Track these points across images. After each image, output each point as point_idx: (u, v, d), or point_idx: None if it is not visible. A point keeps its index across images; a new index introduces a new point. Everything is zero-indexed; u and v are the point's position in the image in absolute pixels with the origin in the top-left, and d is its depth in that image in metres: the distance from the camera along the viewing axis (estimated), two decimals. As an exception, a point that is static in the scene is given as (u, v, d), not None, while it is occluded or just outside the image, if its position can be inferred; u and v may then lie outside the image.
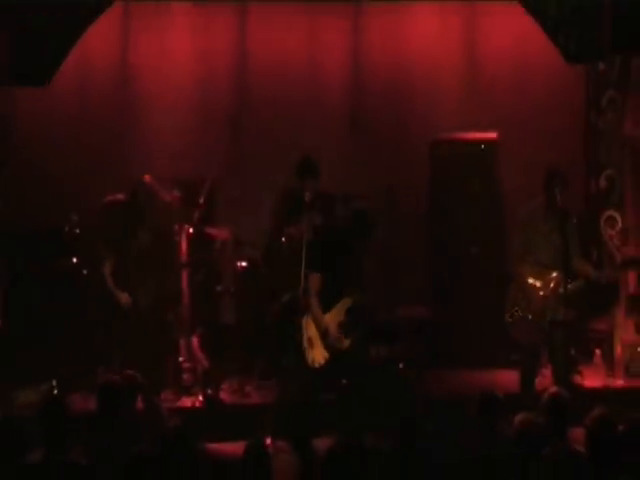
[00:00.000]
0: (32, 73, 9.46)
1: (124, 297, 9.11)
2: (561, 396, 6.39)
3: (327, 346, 8.47)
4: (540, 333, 8.61)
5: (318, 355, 8.68)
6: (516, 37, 10.11)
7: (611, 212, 9.49)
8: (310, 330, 8.64)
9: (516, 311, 8.68)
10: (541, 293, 8.59)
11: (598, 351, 9.51)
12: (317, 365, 8.53)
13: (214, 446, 7.23)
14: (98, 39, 10.02)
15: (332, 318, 8.59)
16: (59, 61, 9.49)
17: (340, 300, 8.63)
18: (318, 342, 8.51)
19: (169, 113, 10.63)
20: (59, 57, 9.50)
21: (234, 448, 6.12)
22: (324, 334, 8.59)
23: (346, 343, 8.57)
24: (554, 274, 8.54)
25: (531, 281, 8.61)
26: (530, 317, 8.60)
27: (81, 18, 9.42)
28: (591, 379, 9.15)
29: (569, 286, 8.46)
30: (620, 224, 9.44)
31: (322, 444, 5.93)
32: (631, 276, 9.48)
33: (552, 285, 8.57)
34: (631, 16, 8.90)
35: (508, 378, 8.91)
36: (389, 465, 5.94)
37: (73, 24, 9.42)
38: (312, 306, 8.56)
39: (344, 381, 8.73)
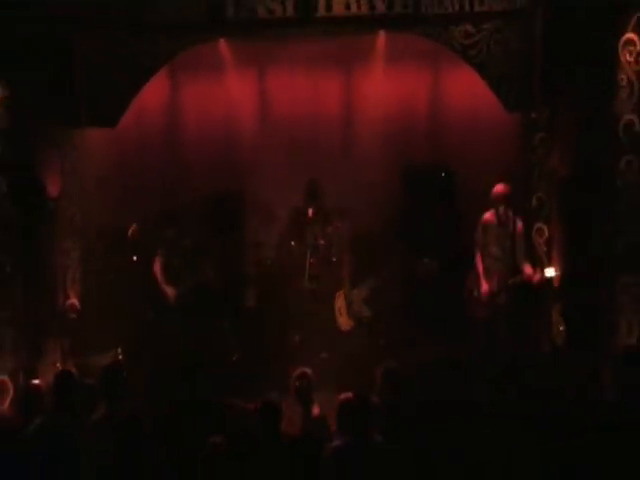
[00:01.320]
0: (104, 115, 9.39)
1: (170, 290, 9.31)
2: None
3: (351, 315, 8.80)
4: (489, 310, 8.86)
5: (344, 322, 9.02)
6: (472, 90, 9.96)
7: (540, 224, 9.50)
8: (339, 302, 8.97)
9: (472, 293, 9.06)
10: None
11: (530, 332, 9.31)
12: (343, 329, 8.87)
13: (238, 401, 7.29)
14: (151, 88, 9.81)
15: (357, 294, 8.95)
16: (126, 105, 9.39)
17: (365, 281, 9.02)
18: (345, 312, 8.84)
19: (205, 147, 10.67)
20: (126, 102, 9.39)
21: (254, 403, 5.96)
22: (349, 305, 8.91)
23: (367, 313, 8.94)
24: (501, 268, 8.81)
25: (482, 276, 8.90)
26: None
27: (146, 69, 9.32)
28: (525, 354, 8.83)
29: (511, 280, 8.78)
30: (547, 234, 9.45)
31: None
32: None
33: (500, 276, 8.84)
34: (556, 75, 8.84)
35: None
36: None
37: (139, 73, 9.31)
38: (345, 286, 8.98)
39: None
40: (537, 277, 8.83)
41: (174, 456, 5.45)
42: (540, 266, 9.09)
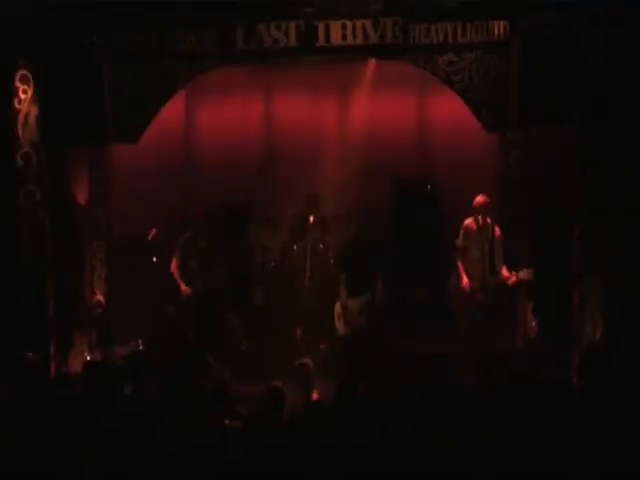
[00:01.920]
0: (127, 132, 9.20)
1: (184, 287, 9.24)
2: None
3: (346, 321, 8.90)
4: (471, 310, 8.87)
5: (341, 326, 9.02)
6: (455, 112, 9.88)
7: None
8: (338, 308, 8.97)
9: (454, 290, 9.05)
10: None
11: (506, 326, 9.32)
12: (340, 333, 8.87)
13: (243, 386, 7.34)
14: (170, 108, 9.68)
15: (354, 303, 8.90)
16: (147, 123, 9.21)
17: (363, 294, 8.96)
18: (342, 318, 8.86)
19: (217, 160, 10.68)
20: (147, 120, 9.21)
21: (259, 388, 5.94)
22: (344, 312, 8.90)
23: (362, 321, 8.86)
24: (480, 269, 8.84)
25: (464, 275, 8.90)
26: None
27: (166, 91, 9.19)
28: (501, 344, 8.97)
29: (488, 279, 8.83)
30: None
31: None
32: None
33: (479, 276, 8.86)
34: (530, 99, 8.67)
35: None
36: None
37: (160, 95, 9.18)
38: (341, 293, 8.95)
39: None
40: (512, 279, 8.84)
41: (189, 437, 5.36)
42: (515, 269, 9.05)
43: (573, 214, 8.59)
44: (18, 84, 8.37)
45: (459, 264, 9.04)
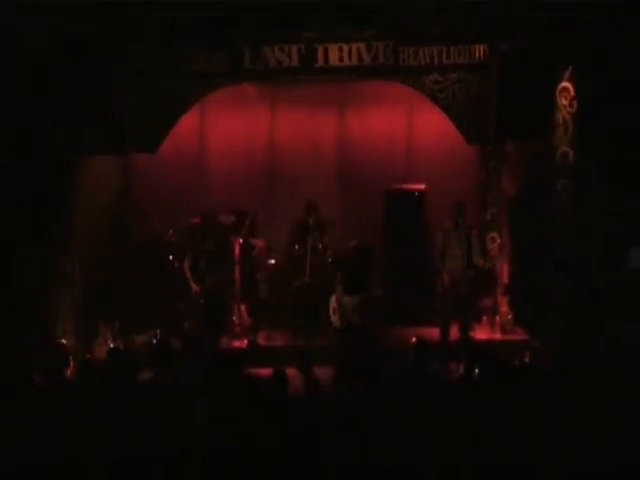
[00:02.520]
0: (146, 144, 9.25)
1: (194, 286, 9.14)
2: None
3: (341, 317, 8.78)
4: (453, 302, 8.88)
5: (336, 321, 8.99)
6: (440, 126, 9.85)
7: (493, 234, 9.56)
8: (333, 303, 8.94)
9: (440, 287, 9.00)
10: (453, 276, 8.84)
11: (485, 317, 9.55)
12: (335, 327, 8.81)
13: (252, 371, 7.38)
14: (185, 121, 9.65)
15: (349, 301, 8.78)
16: (164, 136, 9.23)
17: (359, 293, 8.85)
18: (337, 312, 8.89)
19: (226, 169, 10.53)
20: (164, 132, 9.22)
21: (266, 372, 5.84)
22: (339, 307, 8.88)
23: (355, 318, 8.77)
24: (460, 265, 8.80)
25: (448, 268, 8.90)
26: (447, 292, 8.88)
27: (181, 106, 9.19)
28: (480, 334, 9.22)
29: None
30: (498, 241, 9.52)
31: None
32: (505, 268, 9.54)
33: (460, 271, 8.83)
34: (507, 115, 8.83)
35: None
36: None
37: (176, 110, 9.19)
38: (337, 290, 8.87)
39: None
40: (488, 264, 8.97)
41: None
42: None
43: (545, 217, 8.69)
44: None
45: (440, 262, 9.02)
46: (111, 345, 8.60)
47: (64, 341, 7.88)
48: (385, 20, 8.58)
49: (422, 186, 10.18)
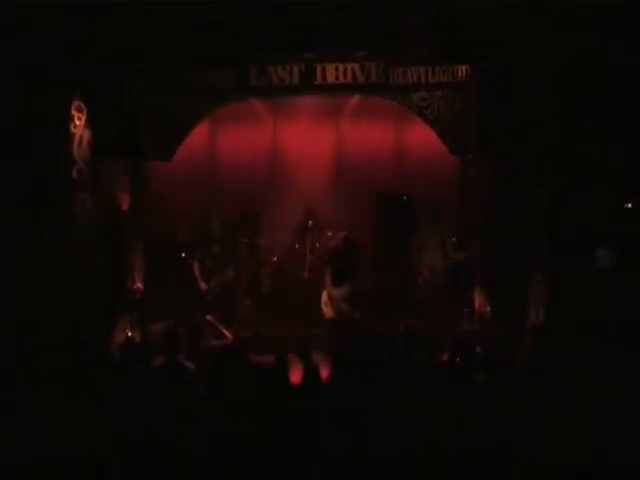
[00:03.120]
0: (161, 152, 9.31)
1: (203, 286, 9.09)
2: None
3: (333, 307, 8.75)
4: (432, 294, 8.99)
5: (328, 312, 9.00)
6: (426, 138, 9.89)
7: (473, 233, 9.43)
8: (325, 296, 8.95)
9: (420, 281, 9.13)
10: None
11: (465, 310, 9.30)
12: (327, 316, 8.77)
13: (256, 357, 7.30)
14: (196, 132, 9.76)
15: (339, 293, 8.74)
16: (177, 145, 9.31)
17: (346, 283, 8.78)
18: (329, 304, 8.93)
19: (234, 177, 10.53)
20: (178, 142, 9.32)
21: (268, 359, 5.86)
22: (331, 300, 8.92)
23: (345, 308, 8.76)
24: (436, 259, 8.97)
25: (426, 263, 9.06)
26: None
27: (192, 119, 9.28)
28: (461, 325, 9.00)
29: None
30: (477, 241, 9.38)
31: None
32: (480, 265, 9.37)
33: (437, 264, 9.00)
34: (486, 129, 8.85)
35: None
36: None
37: (188, 122, 9.26)
38: (327, 284, 8.84)
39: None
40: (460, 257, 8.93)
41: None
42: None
43: (519, 219, 8.68)
44: (74, 112, 8.34)
45: (418, 258, 9.06)
46: (129, 333, 8.60)
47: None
48: (377, 43, 8.63)
49: (409, 191, 10.23)
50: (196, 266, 9.16)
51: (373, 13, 7.77)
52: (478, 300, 9.43)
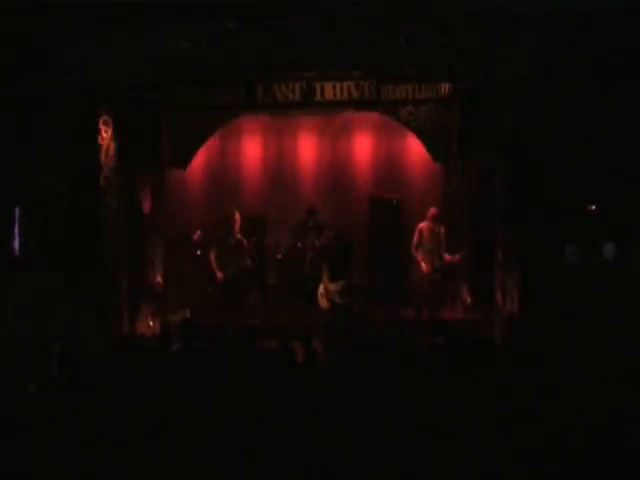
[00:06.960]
0: (178, 160, 9.30)
1: (219, 274, 9.07)
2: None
3: (328, 299, 8.80)
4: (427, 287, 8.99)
5: (324, 303, 8.99)
6: (413, 148, 9.94)
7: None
8: (321, 289, 8.95)
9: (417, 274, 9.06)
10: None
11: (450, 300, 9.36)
12: (323, 307, 8.83)
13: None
14: (208, 144, 9.65)
15: (333, 286, 8.81)
16: (192, 155, 9.30)
17: (340, 279, 8.87)
18: (325, 296, 8.91)
19: (242, 183, 10.39)
20: (192, 152, 9.29)
21: (275, 346, 5.78)
22: (327, 292, 8.91)
23: (339, 300, 8.80)
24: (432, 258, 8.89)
25: (422, 261, 8.98)
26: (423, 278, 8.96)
27: (204, 132, 9.22)
28: (446, 313, 9.13)
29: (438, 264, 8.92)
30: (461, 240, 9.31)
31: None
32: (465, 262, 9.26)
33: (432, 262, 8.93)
34: (466, 139, 8.88)
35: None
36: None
37: (200, 135, 9.24)
38: (323, 278, 8.89)
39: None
40: (449, 259, 8.92)
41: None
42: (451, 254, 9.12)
43: (494, 219, 8.72)
44: (101, 126, 8.46)
45: (416, 256, 9.06)
46: (151, 323, 8.61)
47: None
48: (369, 64, 8.69)
49: (398, 195, 10.15)
50: (213, 256, 9.12)
51: (367, 37, 7.82)
52: (461, 291, 9.45)
